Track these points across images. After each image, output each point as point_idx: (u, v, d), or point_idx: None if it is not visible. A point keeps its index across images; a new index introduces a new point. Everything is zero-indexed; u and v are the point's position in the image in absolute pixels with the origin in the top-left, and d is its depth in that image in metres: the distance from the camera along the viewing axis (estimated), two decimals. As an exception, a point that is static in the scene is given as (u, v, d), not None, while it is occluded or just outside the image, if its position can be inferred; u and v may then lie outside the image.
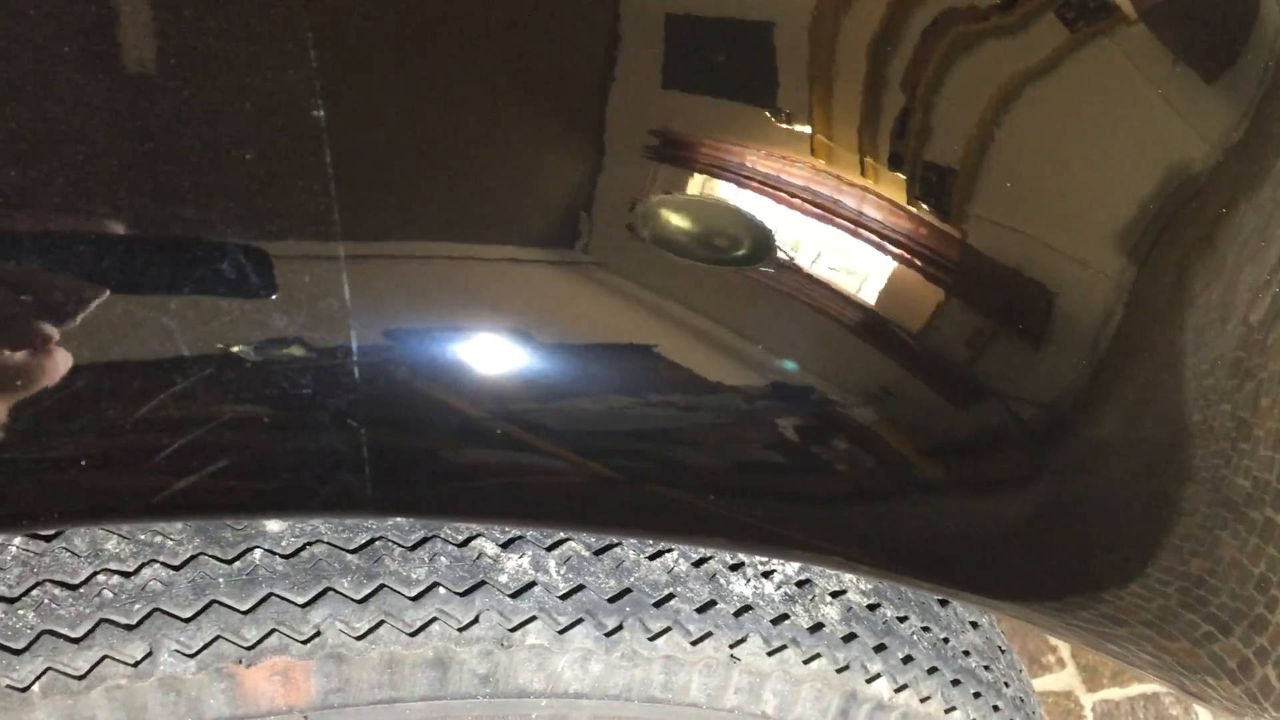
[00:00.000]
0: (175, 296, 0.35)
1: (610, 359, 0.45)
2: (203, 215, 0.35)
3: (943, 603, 0.83)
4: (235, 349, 0.36)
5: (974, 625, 0.86)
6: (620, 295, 0.45)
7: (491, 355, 0.40)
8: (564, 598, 0.64)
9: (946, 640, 0.80)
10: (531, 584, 0.63)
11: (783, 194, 0.48)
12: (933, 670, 0.77)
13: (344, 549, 0.61)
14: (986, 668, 0.83)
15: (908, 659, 0.75)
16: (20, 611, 0.58)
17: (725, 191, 0.47)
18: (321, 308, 0.37)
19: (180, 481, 0.37)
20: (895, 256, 0.51)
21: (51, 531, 0.60)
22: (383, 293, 0.38)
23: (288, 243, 0.37)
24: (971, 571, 0.61)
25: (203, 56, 0.36)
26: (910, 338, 0.53)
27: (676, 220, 0.46)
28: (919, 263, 0.52)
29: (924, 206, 0.52)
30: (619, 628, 0.64)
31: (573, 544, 0.65)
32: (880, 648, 0.73)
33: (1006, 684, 0.86)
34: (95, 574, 0.59)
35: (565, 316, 0.43)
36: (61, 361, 0.35)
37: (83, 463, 0.36)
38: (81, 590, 0.58)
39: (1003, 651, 0.90)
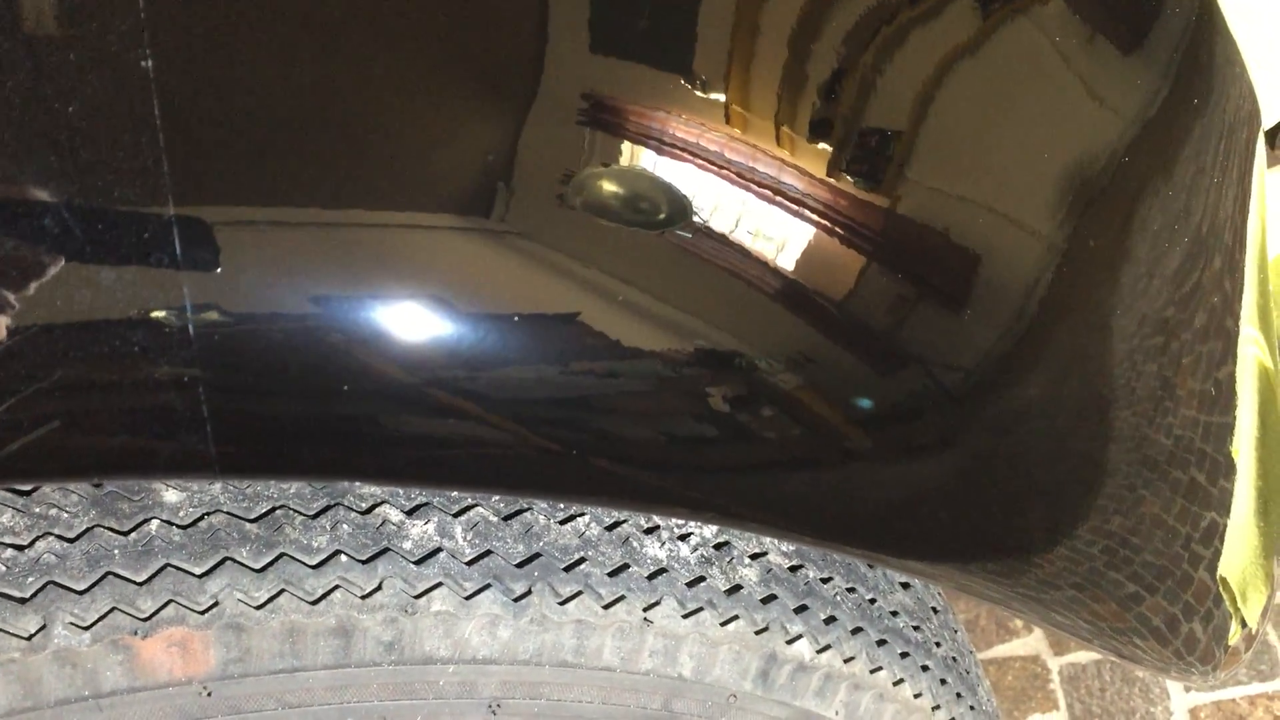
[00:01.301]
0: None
1: (533, 326, 0.45)
2: (23, 170, 0.34)
3: (871, 565, 0.82)
4: (61, 306, 0.35)
5: (904, 586, 0.85)
6: (541, 263, 0.44)
7: (344, 314, 0.39)
8: (470, 563, 0.63)
9: (873, 601, 0.79)
10: (437, 550, 0.63)
11: (703, 159, 0.48)
12: (857, 630, 0.76)
13: (243, 518, 0.60)
14: (916, 628, 0.83)
15: (830, 620, 0.75)
16: (-90, 587, 0.57)
17: (646, 159, 0.47)
18: (151, 263, 0.36)
19: (12, 444, 0.36)
20: (816, 223, 0.51)
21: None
22: (217, 248, 0.37)
23: (115, 197, 0.36)
24: (896, 536, 0.61)
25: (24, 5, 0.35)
26: (832, 304, 0.52)
27: (600, 186, 0.45)
28: (840, 229, 0.52)
29: (846, 173, 0.51)
30: (528, 593, 0.64)
31: (481, 509, 0.65)
32: (802, 609, 0.73)
33: (938, 644, 0.86)
34: (-13, 548, 0.58)
35: (483, 284, 0.42)
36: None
37: (-95, 426, 0.35)
38: (-27, 564, 0.57)
39: (935, 611, 0.89)
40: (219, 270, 0.37)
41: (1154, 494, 0.75)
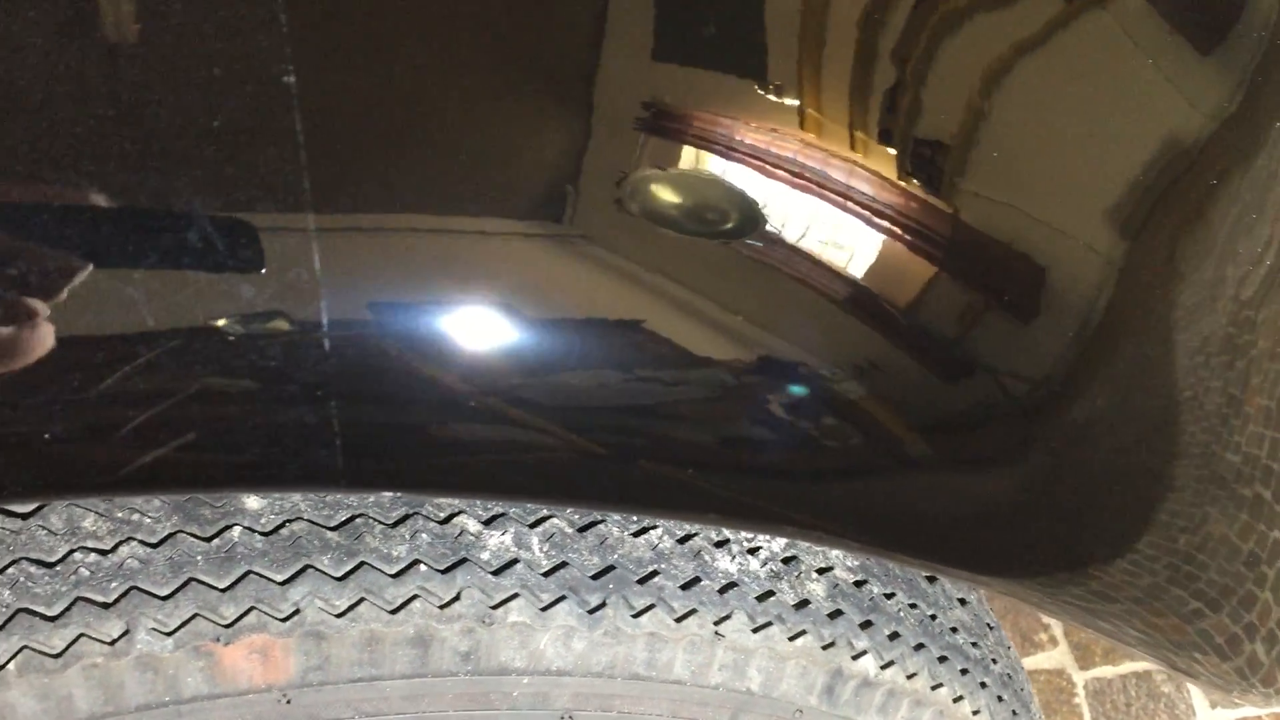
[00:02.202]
0: (142, 267, 0.34)
1: (598, 333, 0.45)
2: (170, 184, 0.34)
3: (930, 579, 0.82)
4: (203, 321, 0.35)
5: (962, 602, 0.85)
6: (608, 269, 0.44)
7: (469, 329, 0.39)
8: (547, 575, 0.63)
9: (934, 617, 0.79)
10: (514, 561, 0.62)
11: (771, 167, 0.48)
12: (919, 647, 0.76)
13: (324, 526, 0.60)
14: (974, 644, 0.83)
15: (894, 635, 0.75)
16: (-5, 590, 0.57)
17: (713, 165, 0.47)
18: (291, 278, 0.36)
19: (147, 456, 0.36)
20: (885, 231, 0.51)
21: (29, 509, 0.59)
22: (354, 264, 0.37)
23: (256, 213, 0.36)
24: (960, 547, 0.61)
25: (171, 21, 0.35)
26: (899, 312, 0.52)
27: (666, 194, 0.45)
28: (909, 237, 0.51)
29: (914, 180, 0.51)
30: (602, 605, 0.64)
31: (556, 521, 0.64)
32: (866, 624, 0.73)
33: (994, 660, 0.86)
34: (72, 552, 0.58)
35: (550, 290, 0.42)
36: (34, 336, 0.34)
37: (47, 436, 0.36)
38: (58, 568, 0.58)
39: (990, 628, 0.89)
40: (356, 284, 0.37)
41: (1221, 511, 0.75)
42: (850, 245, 0.50)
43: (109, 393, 0.35)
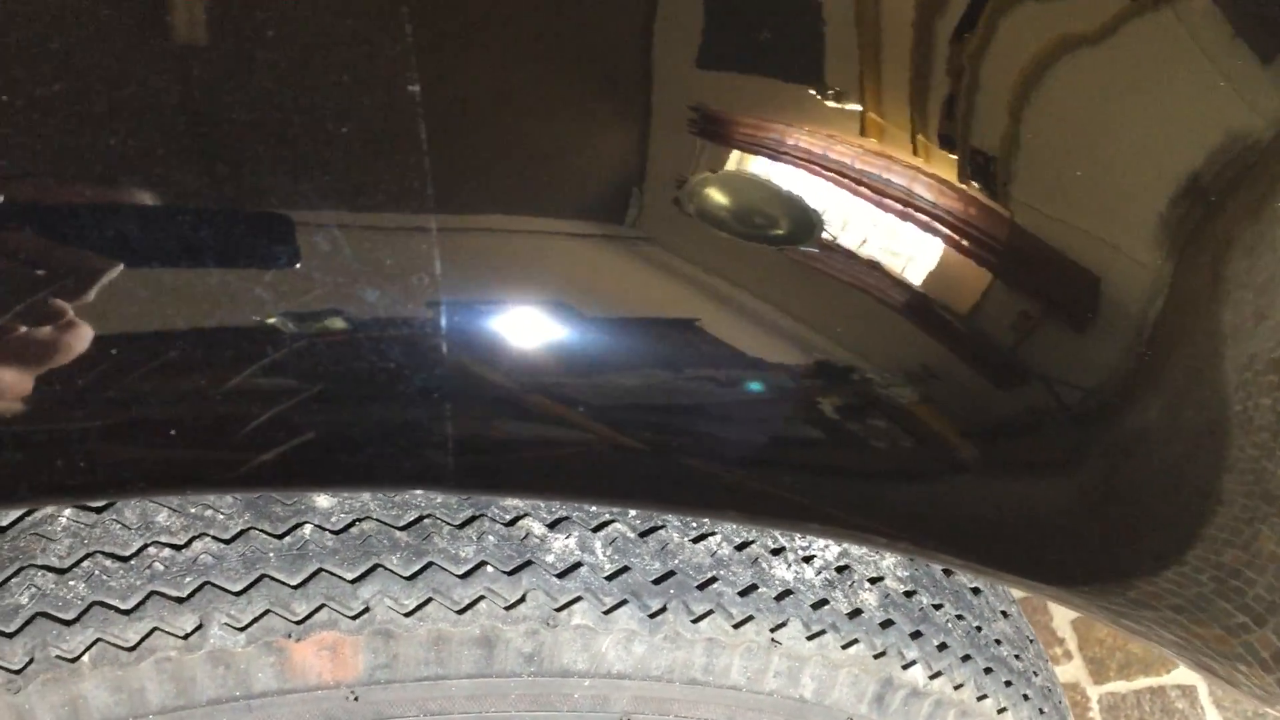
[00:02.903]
0: (271, 270, 0.35)
1: (672, 335, 0.45)
2: (298, 189, 0.35)
3: (975, 591, 0.83)
4: (326, 322, 0.36)
5: (1004, 614, 0.86)
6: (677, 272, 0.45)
7: (574, 332, 0.40)
8: (610, 578, 0.64)
9: (979, 629, 0.80)
10: (578, 564, 0.63)
11: (830, 173, 0.48)
12: (966, 658, 0.77)
13: (393, 526, 0.61)
14: (1017, 656, 0.84)
15: (942, 646, 0.75)
16: (71, 582, 0.58)
17: (773, 170, 0.47)
18: (413, 282, 0.37)
19: (267, 453, 0.37)
20: (943, 237, 0.51)
21: (103, 503, 0.60)
22: (472, 267, 0.38)
23: (382, 216, 0.36)
24: (1009, 552, 0.61)
25: (301, 30, 0.36)
26: (956, 319, 0.52)
27: (731, 198, 0.46)
28: (966, 244, 0.52)
29: (972, 187, 0.51)
30: (663, 609, 0.64)
31: (618, 525, 0.65)
32: (916, 634, 0.74)
33: (1035, 673, 0.86)
34: (146, 546, 0.59)
35: (633, 293, 0.43)
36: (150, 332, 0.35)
37: (172, 432, 0.36)
38: (132, 562, 0.58)
39: (1030, 641, 0.90)
40: (473, 288, 0.38)
41: (1270, 528, 0.76)
42: (907, 251, 0.51)
43: (235, 391, 0.36)
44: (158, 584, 0.58)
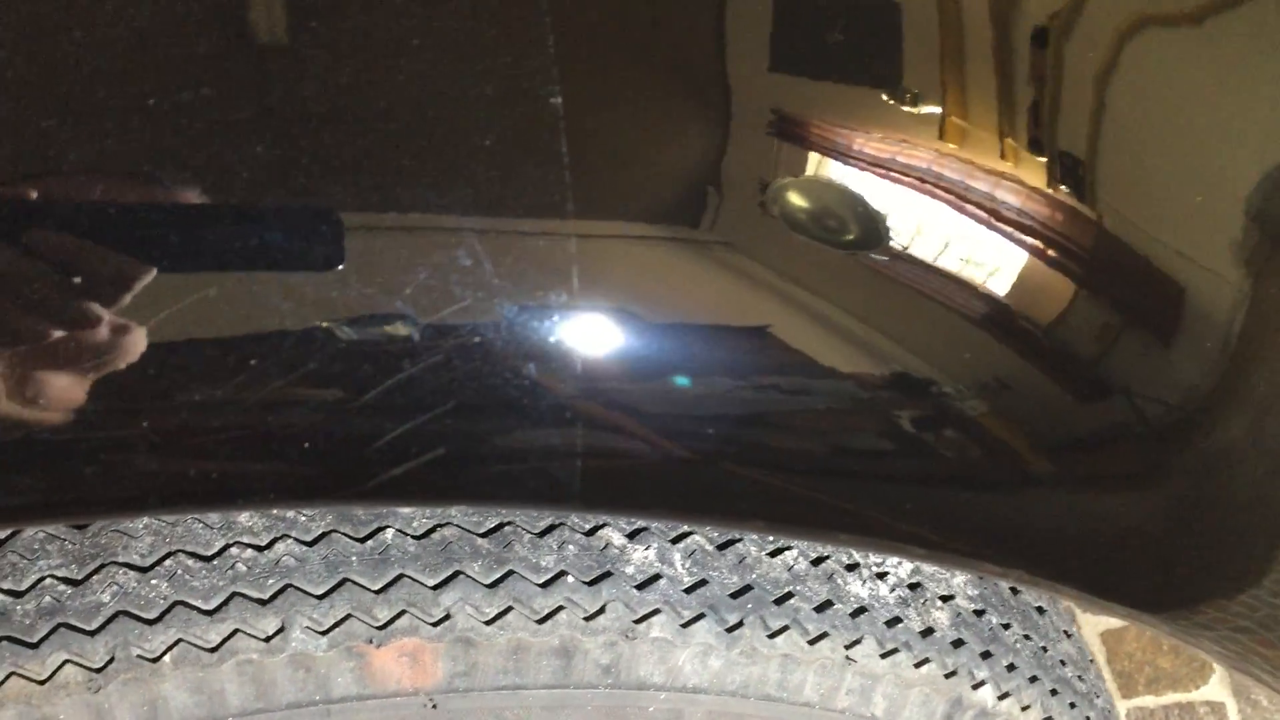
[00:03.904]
0: (411, 281, 0.35)
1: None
2: (440, 200, 0.35)
3: (1039, 610, 0.82)
4: (465, 336, 0.35)
5: (1067, 635, 0.85)
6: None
7: (711, 349, 0.39)
8: (688, 591, 0.63)
9: (1045, 649, 0.79)
10: (657, 576, 0.63)
11: (914, 179, 0.47)
12: (1034, 679, 0.76)
13: (474, 532, 0.60)
14: (1080, 678, 0.83)
15: (1011, 666, 0.74)
16: (153, 581, 0.57)
17: (858, 175, 0.46)
18: (550, 297, 0.36)
19: (398, 468, 0.36)
20: (1026, 247, 0.50)
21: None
22: (607, 281, 0.37)
23: (522, 230, 0.36)
24: (1087, 571, 0.60)
25: (445, 40, 0.36)
26: (1037, 330, 0.51)
27: (810, 202, 0.45)
28: (1051, 253, 0.51)
29: (1057, 195, 0.50)
30: (740, 624, 0.64)
31: (696, 538, 0.65)
32: (986, 654, 0.73)
33: (1096, 695, 0.85)
34: (228, 546, 0.58)
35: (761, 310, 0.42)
36: (288, 343, 0.34)
37: (306, 445, 0.36)
38: (214, 562, 0.58)
39: (1091, 662, 0.89)
40: (609, 304, 0.37)
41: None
42: (989, 261, 0.50)
43: (371, 405, 0.36)
44: (240, 585, 0.57)
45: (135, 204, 0.34)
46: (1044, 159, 0.50)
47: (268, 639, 0.57)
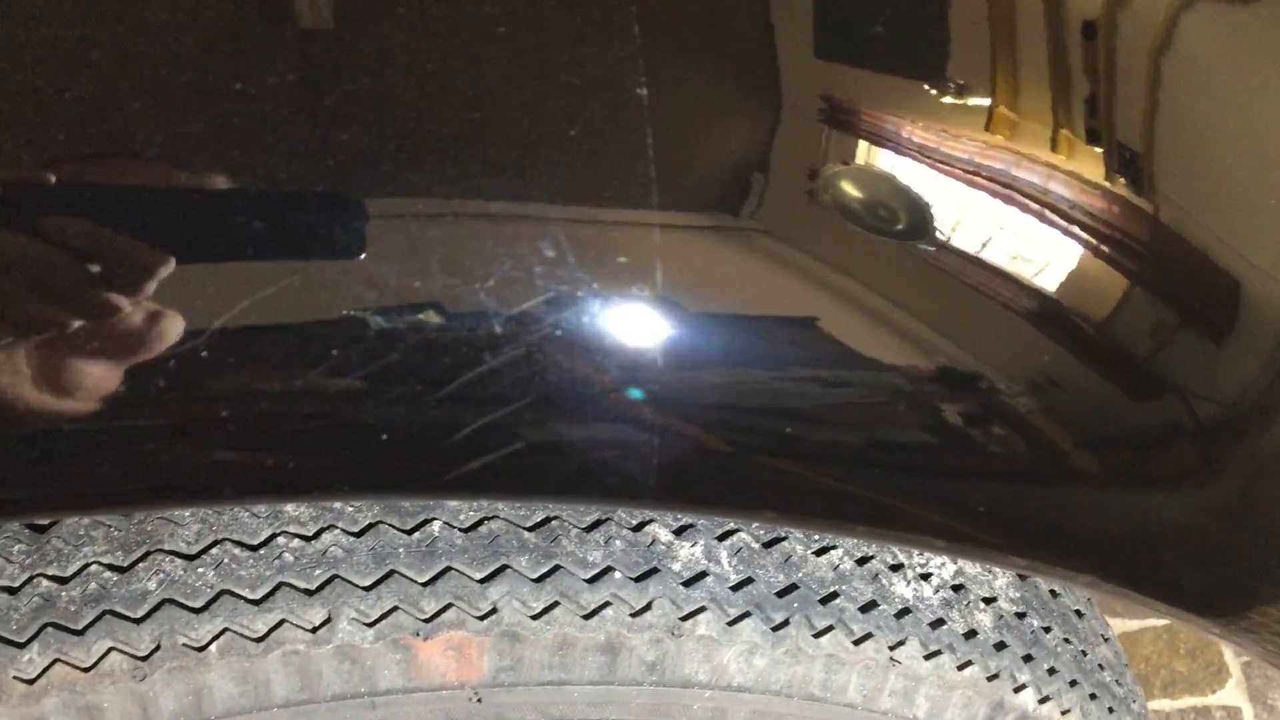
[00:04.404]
0: (494, 273, 0.34)
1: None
2: (525, 190, 0.34)
3: (1078, 614, 0.81)
4: (547, 330, 0.35)
5: (1105, 639, 0.84)
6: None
7: (792, 344, 0.39)
8: (735, 589, 0.62)
9: (1084, 653, 0.79)
10: (704, 574, 0.62)
11: (968, 170, 0.46)
12: (1074, 683, 0.76)
13: (521, 526, 0.60)
14: (1117, 682, 0.82)
15: (1052, 670, 0.74)
16: (199, 569, 0.57)
17: (910, 165, 0.45)
18: (633, 290, 0.35)
19: (474, 462, 0.36)
20: (1081, 241, 0.49)
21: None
22: (688, 276, 0.36)
23: (607, 222, 0.35)
24: (1136, 571, 0.60)
25: (532, 29, 0.35)
26: (1089, 326, 0.50)
27: (860, 190, 0.44)
28: (1100, 247, 0.50)
29: (1113, 188, 0.50)
30: (785, 623, 0.63)
31: (743, 535, 0.64)
32: (1028, 658, 0.72)
33: (1133, 700, 0.85)
34: (275, 535, 0.58)
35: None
36: (367, 333, 0.34)
37: (384, 437, 0.35)
38: (261, 551, 0.57)
39: (1126, 666, 0.88)
40: (691, 298, 0.37)
41: None
42: (1044, 255, 0.49)
43: (450, 397, 0.35)
44: (287, 575, 0.57)
45: (207, 191, 0.34)
46: (1101, 150, 0.49)
47: (314, 630, 0.57)
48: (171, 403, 0.33)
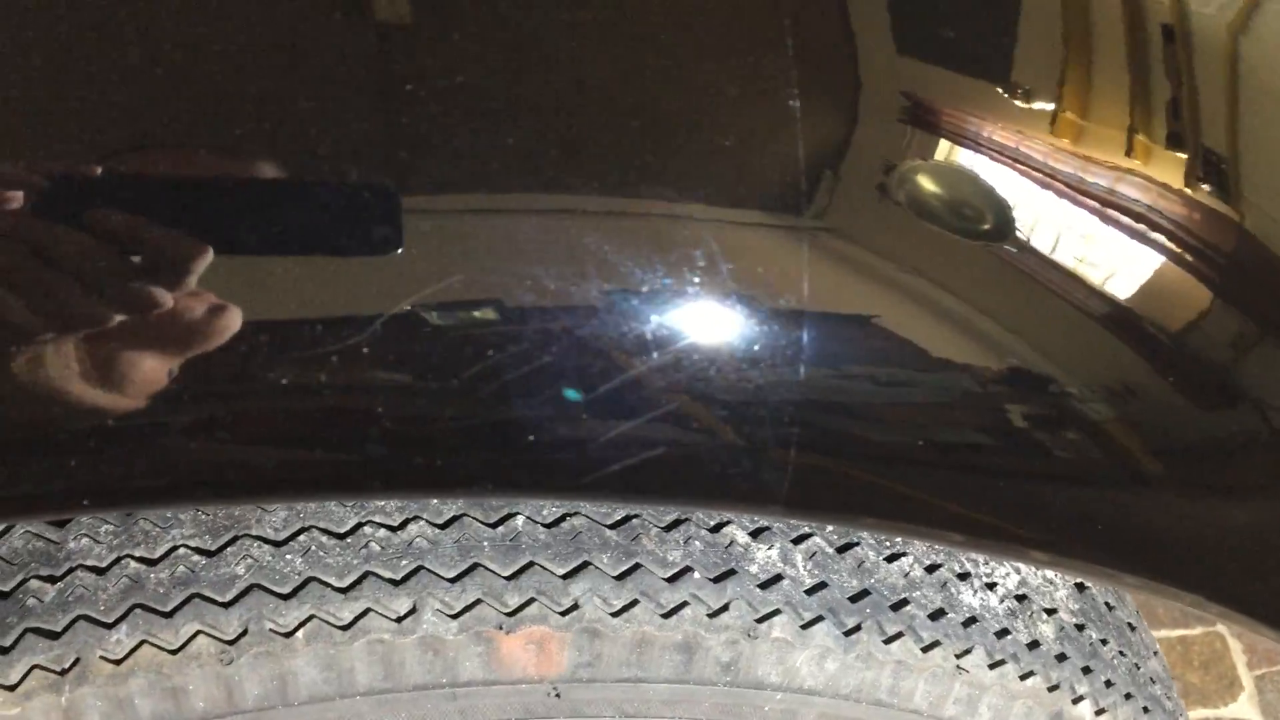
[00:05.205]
0: (648, 280, 0.34)
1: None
2: (680, 199, 0.34)
3: (1131, 627, 0.82)
4: (695, 337, 0.35)
5: (1155, 653, 0.85)
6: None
7: (929, 358, 0.39)
8: (809, 593, 0.63)
9: (1138, 666, 0.79)
10: (779, 576, 0.62)
11: (1045, 172, 0.46)
12: (1128, 696, 0.76)
13: (602, 524, 0.60)
14: (1167, 696, 0.83)
15: (1109, 683, 0.74)
16: (287, 556, 0.57)
17: (987, 164, 0.45)
18: (781, 301, 0.36)
19: (615, 465, 0.36)
20: (1160, 248, 0.49)
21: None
22: (835, 288, 0.37)
23: (759, 232, 0.35)
24: (1220, 582, 0.60)
25: (689, 38, 0.35)
26: (1166, 334, 0.50)
27: (934, 188, 0.44)
28: (1180, 254, 0.50)
29: (1194, 194, 0.50)
30: (858, 628, 0.64)
31: (817, 539, 0.64)
32: (1087, 670, 0.73)
33: (1180, 715, 0.85)
34: (362, 525, 0.58)
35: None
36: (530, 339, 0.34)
37: (530, 438, 0.36)
38: (348, 540, 0.58)
39: (1173, 681, 0.89)
40: (842, 312, 0.37)
41: None
42: (1117, 260, 0.49)
43: (598, 401, 0.35)
44: (374, 564, 0.57)
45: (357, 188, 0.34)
46: (1185, 155, 0.49)
47: (399, 619, 0.57)
48: (329, 396, 0.34)
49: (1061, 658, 0.71)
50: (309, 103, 0.32)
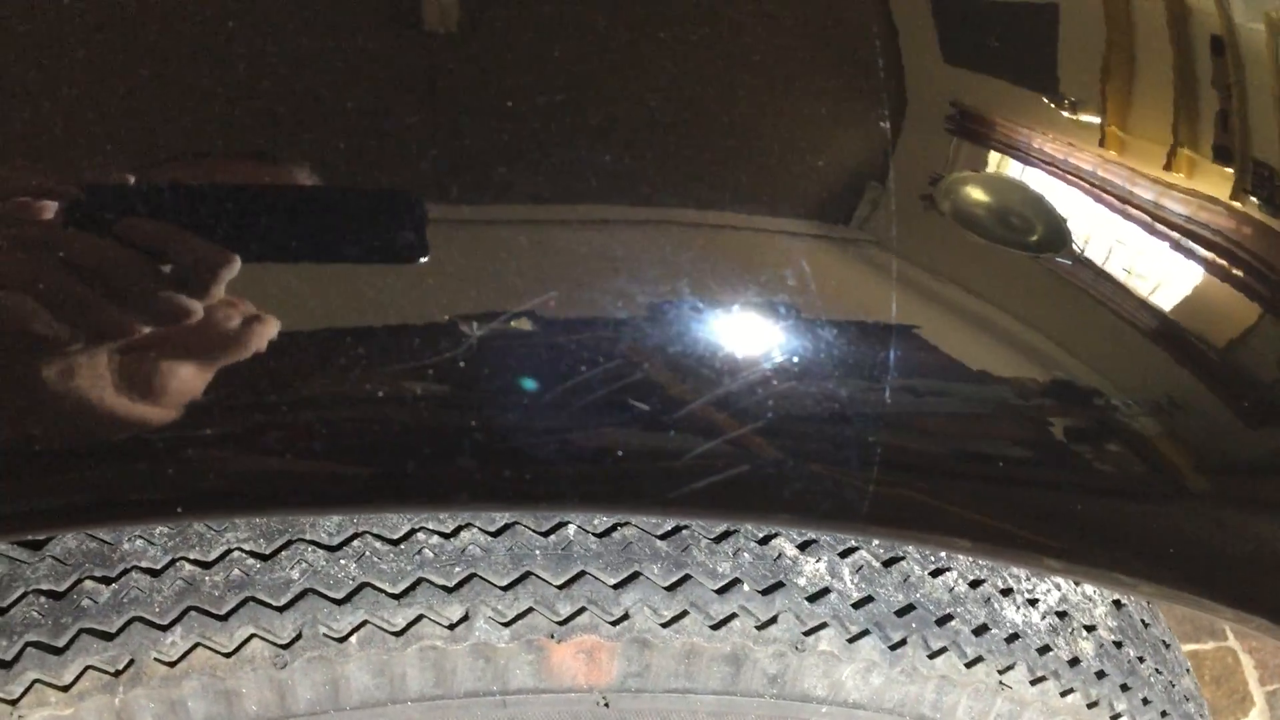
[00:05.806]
0: (740, 299, 0.35)
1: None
2: (774, 218, 0.35)
3: (1165, 645, 0.82)
4: (782, 358, 0.35)
5: (1187, 671, 0.85)
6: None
7: (1013, 381, 0.39)
8: (856, 606, 0.63)
9: (1173, 684, 0.79)
10: (827, 590, 0.63)
11: (1095, 185, 0.46)
12: (1164, 714, 0.76)
13: (653, 534, 0.61)
14: (1200, 715, 0.83)
15: (1145, 700, 0.74)
16: (341, 561, 0.57)
17: (1035, 176, 0.45)
18: (869, 324, 0.36)
19: (700, 481, 0.36)
20: (1210, 264, 0.49)
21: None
22: (926, 309, 0.37)
23: (849, 255, 0.36)
24: (1245, 589, 0.60)
25: (783, 58, 0.35)
26: (1214, 350, 0.50)
27: (983, 198, 0.44)
28: (1230, 269, 0.50)
29: (1245, 209, 0.50)
30: (903, 642, 0.64)
31: (864, 553, 0.65)
32: (1125, 687, 0.73)
33: (1213, 733, 0.85)
34: (415, 531, 0.58)
35: None
36: (621, 358, 0.34)
37: (620, 453, 0.36)
38: (402, 546, 0.58)
39: (1205, 700, 0.89)
40: (929, 334, 0.37)
41: None
42: (1166, 274, 0.48)
43: (685, 418, 0.36)
44: (427, 571, 0.58)
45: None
46: (1233, 168, 0.49)
47: (451, 626, 0.57)
48: (425, 409, 0.34)
49: (1101, 675, 0.71)
50: (412, 118, 0.32)
